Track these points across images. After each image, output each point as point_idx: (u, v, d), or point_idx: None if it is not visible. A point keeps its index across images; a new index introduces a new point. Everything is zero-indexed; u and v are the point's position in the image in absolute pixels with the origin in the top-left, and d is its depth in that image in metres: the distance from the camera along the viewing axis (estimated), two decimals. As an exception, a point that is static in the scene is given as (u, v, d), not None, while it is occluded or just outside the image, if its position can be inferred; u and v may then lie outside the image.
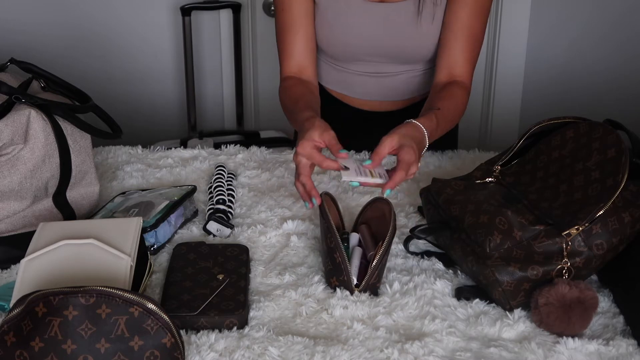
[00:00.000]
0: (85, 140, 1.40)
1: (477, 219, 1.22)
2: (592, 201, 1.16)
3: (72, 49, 2.87)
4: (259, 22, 2.91)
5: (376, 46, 1.67)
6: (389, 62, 1.70)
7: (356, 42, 1.66)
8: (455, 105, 1.55)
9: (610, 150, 1.20)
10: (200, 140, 2.81)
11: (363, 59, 1.70)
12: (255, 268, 1.30)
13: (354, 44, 1.67)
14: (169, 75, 3.01)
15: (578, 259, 1.17)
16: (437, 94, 1.56)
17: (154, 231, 1.33)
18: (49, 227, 1.17)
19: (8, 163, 1.28)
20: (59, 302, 0.96)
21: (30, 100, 1.31)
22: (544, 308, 1.13)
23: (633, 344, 1.11)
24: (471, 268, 1.22)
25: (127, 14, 2.88)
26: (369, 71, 1.72)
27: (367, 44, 1.66)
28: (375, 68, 1.72)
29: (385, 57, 1.69)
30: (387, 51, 1.67)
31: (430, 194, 1.36)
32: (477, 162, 1.49)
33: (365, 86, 1.75)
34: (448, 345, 1.11)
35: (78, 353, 0.96)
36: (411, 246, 1.35)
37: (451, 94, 1.55)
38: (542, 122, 1.33)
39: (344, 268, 1.21)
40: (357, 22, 1.64)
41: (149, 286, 1.24)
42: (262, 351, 1.08)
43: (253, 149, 1.75)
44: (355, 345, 1.10)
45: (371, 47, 1.67)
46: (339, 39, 1.67)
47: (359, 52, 1.69)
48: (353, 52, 1.69)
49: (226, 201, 1.47)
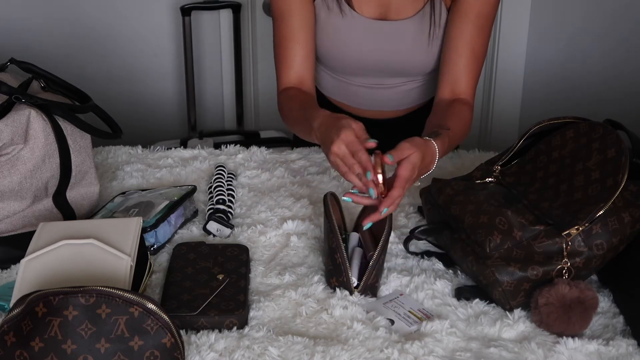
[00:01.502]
0: (85, 140, 1.40)
1: (477, 219, 1.22)
2: (592, 201, 1.16)
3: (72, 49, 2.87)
4: (259, 22, 2.91)
5: (377, 62, 1.65)
6: (390, 76, 1.69)
7: (357, 57, 1.65)
8: (463, 125, 1.51)
9: (610, 150, 1.20)
10: (200, 140, 2.81)
11: (362, 73, 1.70)
12: (255, 268, 1.30)
13: (354, 59, 1.65)
14: (169, 75, 3.01)
15: (578, 259, 1.17)
16: (445, 112, 1.51)
17: (154, 231, 1.33)
18: (49, 227, 1.17)
19: (8, 163, 1.28)
20: (59, 302, 0.96)
21: (30, 100, 1.31)
22: (544, 308, 1.13)
23: (633, 344, 1.11)
24: (471, 268, 1.22)
25: (127, 14, 2.89)
26: (370, 83, 1.71)
27: (367, 59, 1.65)
28: (375, 81, 1.71)
29: (385, 72, 1.68)
30: (388, 67, 1.66)
31: (430, 194, 1.36)
32: (477, 162, 1.49)
33: (366, 97, 1.74)
34: (448, 345, 1.11)
35: (78, 353, 0.96)
36: (411, 246, 1.35)
37: (459, 113, 1.52)
38: (542, 122, 1.33)
39: (344, 269, 1.21)
40: (358, 38, 1.62)
41: (149, 286, 1.24)
42: (262, 351, 1.08)
43: (253, 149, 1.75)
44: (355, 345, 1.10)
45: (372, 62, 1.66)
46: (339, 54, 1.65)
47: (360, 67, 1.68)
48: (353, 67, 1.68)
49: (226, 201, 1.47)
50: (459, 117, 1.51)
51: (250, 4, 2.90)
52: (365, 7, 1.60)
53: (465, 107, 1.55)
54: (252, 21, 2.92)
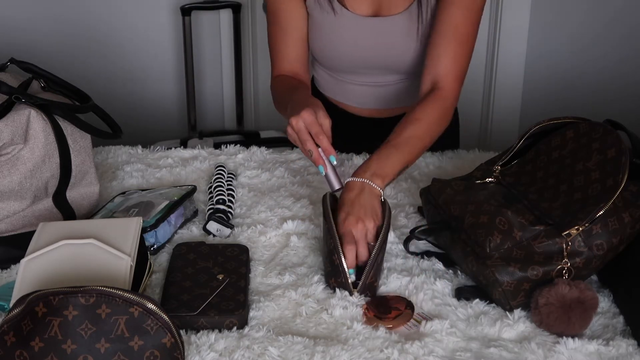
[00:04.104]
0: (85, 140, 1.40)
1: (477, 219, 1.22)
2: (592, 201, 1.16)
3: (72, 48, 2.88)
4: (259, 22, 2.91)
5: (370, 59, 1.65)
6: (384, 73, 1.69)
7: (350, 55, 1.65)
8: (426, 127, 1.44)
9: (610, 151, 1.20)
10: (200, 140, 2.81)
11: (357, 71, 1.70)
12: (255, 268, 1.30)
13: (347, 57, 1.66)
14: (169, 75, 3.01)
15: (578, 259, 1.17)
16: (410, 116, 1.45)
17: (154, 231, 1.33)
18: (49, 227, 1.17)
19: (8, 163, 1.28)
20: (59, 302, 0.96)
21: (30, 100, 1.31)
22: (544, 308, 1.13)
23: (633, 344, 1.11)
24: (471, 268, 1.22)
25: (127, 14, 2.89)
26: (364, 81, 1.71)
27: (360, 57, 1.65)
28: (370, 78, 1.71)
29: (379, 69, 1.68)
30: (381, 64, 1.66)
31: (430, 194, 1.36)
32: (477, 162, 1.49)
33: (361, 95, 1.74)
34: (448, 345, 1.11)
35: (78, 353, 0.96)
36: (411, 246, 1.35)
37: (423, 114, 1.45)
38: (542, 122, 1.33)
39: (342, 270, 1.21)
40: (350, 36, 1.62)
41: (149, 286, 1.24)
42: (262, 351, 1.08)
43: (253, 149, 1.75)
44: (355, 345, 1.10)
45: (365, 60, 1.66)
46: (332, 52, 1.65)
47: (353, 65, 1.68)
48: (347, 65, 1.68)
49: (226, 201, 1.47)
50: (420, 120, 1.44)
51: (250, 4, 2.90)
52: (357, 5, 1.61)
53: (438, 100, 1.47)
54: (252, 21, 2.93)
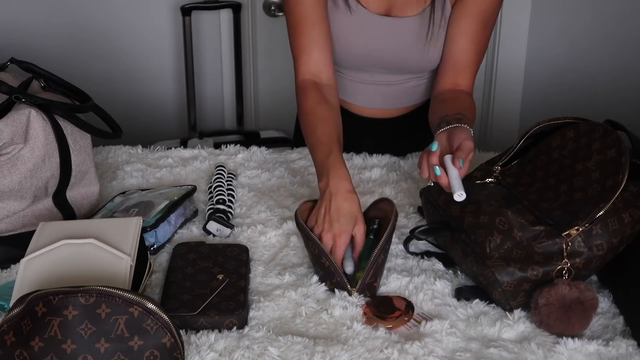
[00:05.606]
0: (85, 140, 1.40)
1: (477, 219, 1.22)
2: (592, 202, 1.16)
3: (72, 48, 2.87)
4: (259, 22, 2.91)
5: (381, 58, 1.65)
6: (393, 73, 1.69)
7: (361, 53, 1.64)
8: (472, 113, 1.54)
9: (611, 151, 1.20)
10: (200, 140, 2.80)
11: (367, 70, 1.69)
12: (255, 268, 1.30)
13: (358, 54, 1.65)
14: (169, 75, 3.00)
15: (578, 259, 1.17)
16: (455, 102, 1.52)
17: (154, 231, 1.33)
18: (49, 227, 1.17)
19: (8, 163, 1.28)
20: (59, 302, 0.96)
21: (30, 100, 1.31)
22: (544, 308, 1.13)
23: (633, 345, 1.11)
24: (471, 268, 1.22)
25: (127, 14, 2.88)
26: (373, 80, 1.71)
27: (372, 55, 1.65)
28: (379, 77, 1.70)
29: (389, 68, 1.68)
30: (392, 63, 1.66)
31: (430, 194, 1.36)
32: (477, 162, 1.48)
33: (368, 94, 1.74)
34: (448, 346, 1.11)
35: (78, 353, 0.96)
36: (411, 246, 1.35)
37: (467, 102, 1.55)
38: (542, 122, 1.33)
39: (334, 270, 1.22)
40: (363, 34, 1.62)
41: (149, 286, 1.24)
42: (262, 351, 1.08)
43: (253, 149, 1.75)
44: (355, 345, 1.10)
45: (376, 59, 1.65)
46: (343, 49, 1.64)
47: (364, 63, 1.67)
48: (357, 62, 1.68)
49: (226, 201, 1.47)
50: (468, 105, 1.54)
51: (250, 4, 2.90)
52: (371, 2, 1.60)
53: (470, 97, 1.60)
54: (252, 21, 2.92)
